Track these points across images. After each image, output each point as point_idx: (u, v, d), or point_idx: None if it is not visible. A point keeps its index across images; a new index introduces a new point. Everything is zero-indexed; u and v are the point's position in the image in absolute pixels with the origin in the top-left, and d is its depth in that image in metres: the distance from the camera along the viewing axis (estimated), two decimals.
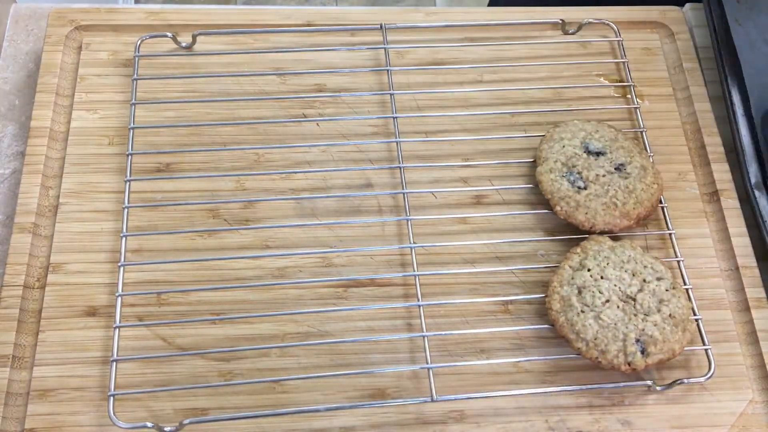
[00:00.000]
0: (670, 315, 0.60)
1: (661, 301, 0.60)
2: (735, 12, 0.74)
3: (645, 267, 0.62)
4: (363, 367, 0.61)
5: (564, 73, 0.76)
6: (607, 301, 0.59)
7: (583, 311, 0.59)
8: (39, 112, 0.69)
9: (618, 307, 0.59)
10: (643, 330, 0.59)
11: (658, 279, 0.61)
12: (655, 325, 0.59)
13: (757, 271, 0.67)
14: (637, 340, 0.59)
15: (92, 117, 0.70)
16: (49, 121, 0.69)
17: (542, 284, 0.64)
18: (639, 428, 0.60)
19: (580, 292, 0.60)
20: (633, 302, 0.60)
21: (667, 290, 0.61)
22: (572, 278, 0.61)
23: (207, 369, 0.60)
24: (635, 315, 0.59)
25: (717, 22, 0.76)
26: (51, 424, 0.57)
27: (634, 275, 0.61)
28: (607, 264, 0.61)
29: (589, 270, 0.61)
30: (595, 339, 0.58)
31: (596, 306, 0.59)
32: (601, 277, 0.60)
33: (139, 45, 0.72)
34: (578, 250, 0.63)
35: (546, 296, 0.61)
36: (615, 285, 0.60)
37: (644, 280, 0.61)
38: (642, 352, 0.58)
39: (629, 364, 0.58)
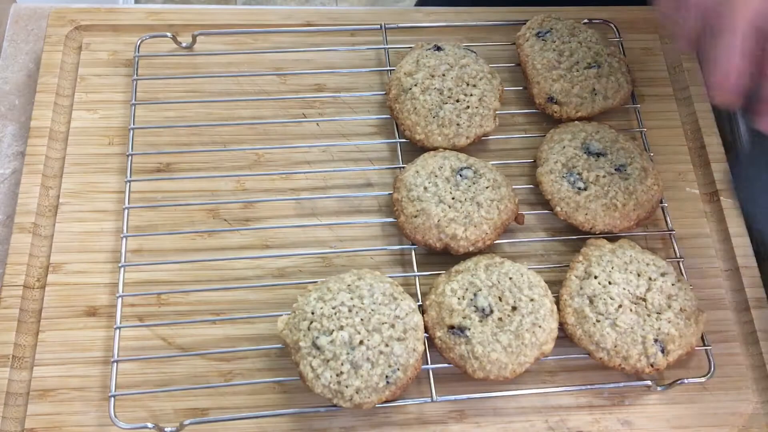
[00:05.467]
0: (681, 309, 0.60)
1: (669, 297, 0.60)
2: None
3: (647, 265, 0.62)
4: None
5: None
6: (620, 306, 0.59)
7: (598, 320, 0.59)
8: (39, 112, 0.69)
9: (631, 310, 0.59)
10: (659, 329, 0.59)
11: (663, 275, 0.61)
12: (670, 321, 0.59)
13: (757, 271, 0.67)
14: (656, 340, 0.59)
15: (92, 117, 0.70)
16: (49, 121, 0.69)
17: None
18: (639, 428, 0.60)
19: (591, 302, 0.60)
20: (644, 303, 0.60)
21: (673, 285, 0.61)
22: (581, 288, 0.61)
23: (207, 369, 0.60)
24: (648, 315, 0.59)
25: None
26: (51, 424, 0.57)
27: (639, 275, 0.61)
28: (612, 268, 0.61)
29: (596, 277, 0.61)
30: (616, 346, 0.58)
31: (610, 313, 0.59)
32: (609, 283, 0.60)
33: (139, 45, 0.72)
34: (580, 258, 0.63)
35: (559, 311, 0.61)
36: (624, 288, 0.60)
37: (650, 278, 0.61)
38: (662, 351, 0.58)
39: (652, 365, 0.58)
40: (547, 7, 0.78)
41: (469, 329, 0.57)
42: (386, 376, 0.55)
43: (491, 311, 0.58)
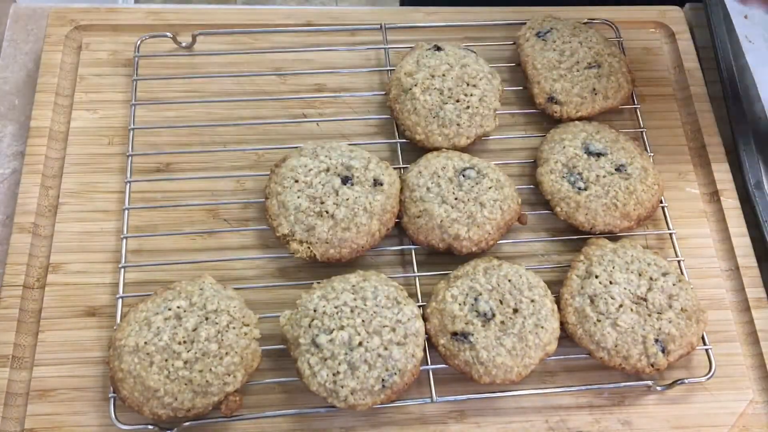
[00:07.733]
0: (681, 309, 0.60)
1: (671, 297, 0.60)
2: (744, 29, 0.74)
3: (649, 264, 0.62)
4: None
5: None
6: (621, 305, 0.59)
7: (599, 320, 0.59)
8: (39, 112, 0.69)
9: (632, 310, 0.59)
10: (660, 329, 0.59)
11: (664, 275, 0.61)
12: (670, 321, 0.59)
13: (757, 271, 0.67)
14: (657, 340, 0.59)
15: (92, 117, 0.70)
16: (49, 121, 0.69)
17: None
18: (639, 428, 0.60)
19: (592, 301, 0.60)
20: (645, 302, 0.60)
21: (674, 284, 0.61)
22: (582, 288, 0.61)
23: None
24: (649, 315, 0.59)
25: (719, 27, 0.76)
26: (51, 424, 0.57)
27: (640, 275, 0.61)
28: (613, 268, 0.61)
29: (597, 277, 0.61)
30: (616, 346, 0.58)
31: (611, 313, 0.59)
32: (610, 282, 0.60)
33: (139, 45, 0.72)
34: (581, 257, 0.63)
35: (560, 310, 0.61)
36: (625, 288, 0.60)
37: (651, 278, 0.61)
38: (663, 351, 0.58)
39: (652, 365, 0.58)
40: (548, 7, 0.78)
41: (473, 335, 0.57)
42: (382, 380, 0.55)
43: (493, 315, 0.58)
